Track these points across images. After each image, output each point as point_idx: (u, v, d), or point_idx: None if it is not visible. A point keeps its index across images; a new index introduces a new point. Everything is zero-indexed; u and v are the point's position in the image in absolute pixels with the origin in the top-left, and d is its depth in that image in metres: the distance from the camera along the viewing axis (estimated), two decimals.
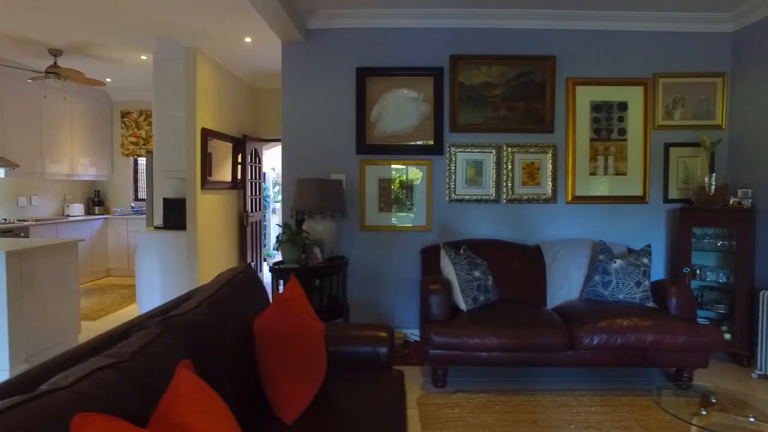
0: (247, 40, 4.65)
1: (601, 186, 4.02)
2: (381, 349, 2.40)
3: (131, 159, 7.11)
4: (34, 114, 5.69)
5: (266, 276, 6.58)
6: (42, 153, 5.80)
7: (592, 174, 4.01)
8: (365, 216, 4.06)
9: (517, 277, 3.70)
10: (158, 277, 4.67)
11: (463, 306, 3.28)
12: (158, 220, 5.12)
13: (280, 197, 9.93)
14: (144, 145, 6.96)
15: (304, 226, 3.67)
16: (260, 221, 6.13)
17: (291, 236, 3.45)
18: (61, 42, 4.75)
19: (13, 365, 3.18)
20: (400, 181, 4.06)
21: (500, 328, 3.05)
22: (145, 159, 7.10)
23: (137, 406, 1.24)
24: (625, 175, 4.01)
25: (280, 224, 3.69)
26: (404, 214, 4.07)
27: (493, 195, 4.04)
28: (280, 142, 7.45)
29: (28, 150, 5.56)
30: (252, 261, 5.77)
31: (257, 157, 6.04)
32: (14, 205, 5.74)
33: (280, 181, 9.72)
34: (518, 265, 3.75)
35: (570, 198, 4.02)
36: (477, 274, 3.41)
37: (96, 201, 6.88)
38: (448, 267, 3.43)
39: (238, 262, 5.62)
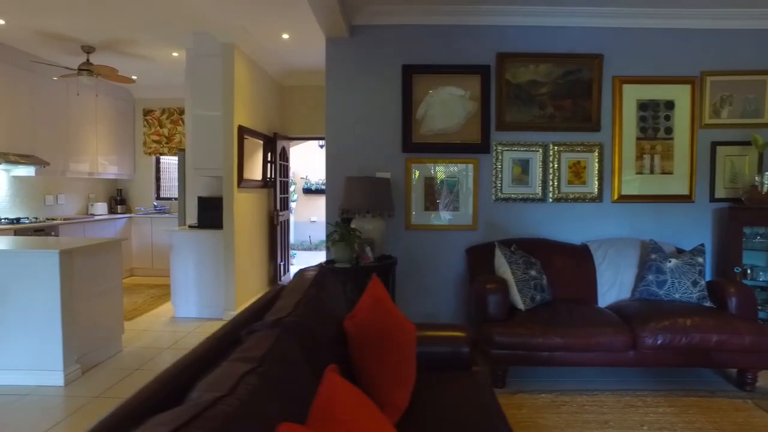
0: (285, 36, 4.61)
1: (647, 185, 4.00)
2: (461, 349, 2.37)
3: (153, 157, 7.05)
4: (62, 111, 5.62)
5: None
6: (69, 151, 5.73)
7: (638, 173, 4.00)
8: (410, 215, 4.03)
9: (566, 276, 3.67)
10: (194, 277, 4.62)
11: (521, 305, 3.25)
12: (190, 219, 5.07)
13: (295, 196, 9.89)
14: (167, 143, 6.90)
15: (353, 225, 3.63)
16: (287, 220, 6.09)
17: (344, 235, 3.41)
18: (95, 38, 4.69)
19: (67, 366, 3.13)
20: (446, 179, 4.03)
21: (562, 328, 3.03)
22: (166, 157, 7.05)
23: (281, 413, 1.21)
24: (671, 174, 3.99)
25: (331, 223, 3.65)
26: (450, 213, 4.04)
27: (540, 194, 4.02)
28: (305, 141, 7.43)
29: (55, 148, 5.49)
30: (281, 261, 5.73)
31: (285, 156, 5.99)
32: (42, 204, 5.67)
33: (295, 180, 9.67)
34: (567, 264, 3.72)
35: (616, 197, 4.00)
36: (533, 273, 3.39)
37: (118, 200, 6.81)
38: (503, 266, 3.40)
39: (269, 262, 5.58)
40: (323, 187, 10.19)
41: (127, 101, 6.81)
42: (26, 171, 5.18)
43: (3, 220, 4.90)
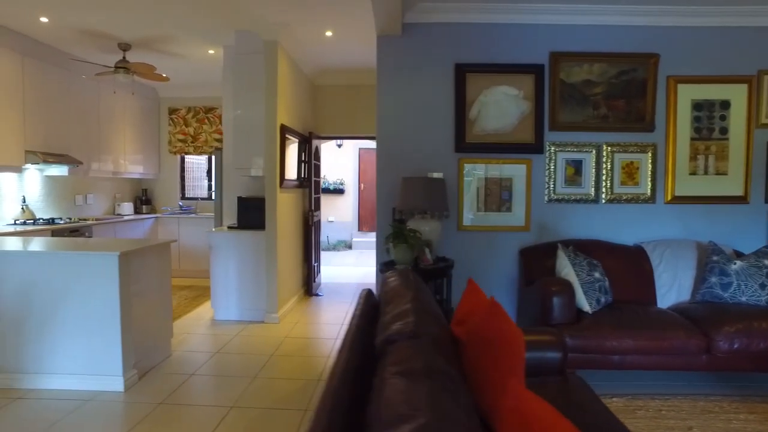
0: (328, 34, 4.54)
1: (701, 186, 3.95)
2: (552, 354, 2.32)
3: (178, 157, 6.96)
4: (92, 110, 5.53)
5: (326, 277, 6.47)
6: (99, 150, 5.64)
7: (692, 173, 3.95)
8: (462, 216, 3.97)
9: (623, 278, 3.62)
10: (234, 279, 4.54)
11: (587, 308, 3.20)
12: (228, 219, 4.99)
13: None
14: (192, 142, 6.81)
15: (409, 226, 3.57)
16: (319, 221, 6.02)
17: (406, 236, 3.35)
18: (133, 35, 4.60)
19: (126, 371, 3.05)
20: (499, 180, 3.97)
21: (633, 331, 2.98)
22: (191, 157, 6.97)
23: (471, 423, 1.14)
24: (726, 174, 3.95)
25: (391, 224, 3.58)
26: (502, 213, 3.99)
27: (592, 195, 3.97)
28: (334, 140, 7.33)
29: (86, 148, 5.40)
30: (315, 262, 5.65)
31: (317, 155, 5.92)
32: (72, 204, 5.58)
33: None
34: (622, 265, 3.67)
35: (669, 198, 3.95)
36: (597, 275, 3.34)
37: (143, 200, 6.72)
38: (566, 268, 3.35)
39: (303, 262, 5.51)
40: (341, 186, 10.19)
41: (152, 100, 6.72)
42: (59, 171, 5.08)
43: (39, 221, 4.81)
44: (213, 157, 7.10)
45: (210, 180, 7.14)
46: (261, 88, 4.43)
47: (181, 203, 6.90)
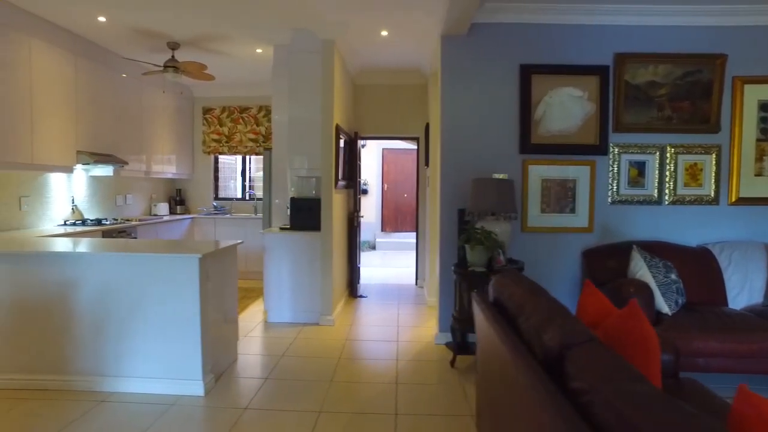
0: (384, 33, 4.50)
1: (767, 187, 3.94)
2: (665, 357, 2.30)
3: (212, 157, 6.91)
4: (135, 110, 5.48)
5: (365, 279, 6.42)
6: (139, 150, 5.59)
7: (758, 175, 3.94)
8: (527, 217, 3.95)
9: (693, 279, 3.61)
10: (288, 281, 4.50)
11: (666, 309, 3.19)
12: (276, 220, 4.95)
13: None
14: (227, 142, 6.76)
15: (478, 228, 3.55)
16: (360, 222, 5.98)
17: (483, 238, 3.33)
18: (185, 34, 4.55)
19: (205, 375, 3.02)
20: (563, 181, 3.95)
21: (719, 333, 2.97)
22: (224, 157, 6.92)
23: None
24: None
25: (469, 227, 3.55)
26: (565, 215, 3.97)
27: (655, 196, 3.95)
28: (376, 141, 7.22)
29: (128, 148, 5.35)
30: (358, 263, 5.62)
31: (359, 156, 5.89)
32: (114, 204, 5.53)
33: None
34: (690, 267, 3.66)
35: (733, 199, 3.94)
36: (673, 276, 3.33)
37: (177, 200, 6.67)
38: (642, 269, 3.33)
39: (348, 263, 5.48)
40: (365, 187, 10.14)
41: (187, 99, 6.67)
42: (104, 171, 5.03)
43: (89, 222, 4.76)
44: (247, 157, 7.07)
45: (245, 180, 7.09)
46: (315, 87, 4.40)
47: (215, 203, 6.85)
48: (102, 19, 4.13)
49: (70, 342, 3.01)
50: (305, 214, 4.51)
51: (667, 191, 3.95)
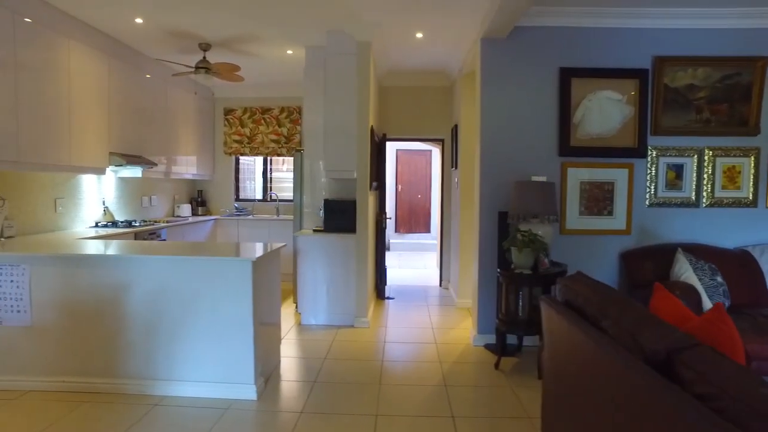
0: (418, 35, 4.51)
1: None
2: None
3: (233, 158, 6.89)
4: (160, 111, 5.46)
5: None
6: (164, 151, 5.57)
7: None
8: (566, 219, 3.96)
9: (735, 282, 3.62)
10: (323, 283, 4.49)
11: None
12: (307, 222, 4.94)
13: None
14: (248, 143, 6.75)
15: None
16: (387, 223, 5.98)
17: (529, 241, 3.33)
18: (218, 35, 4.54)
19: (256, 378, 3.01)
20: (601, 184, 3.96)
21: None
22: (244, 158, 6.90)
23: None
24: None
25: (518, 229, 3.55)
26: (603, 217, 3.98)
27: (693, 199, 3.98)
28: (389, 142, 7.21)
29: (154, 148, 5.32)
30: (384, 265, 5.62)
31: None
32: (139, 206, 5.51)
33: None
34: (732, 270, 3.67)
35: None
36: (719, 279, 3.34)
37: (199, 201, 6.65)
38: (687, 272, 3.35)
39: (374, 266, 5.47)
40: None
41: (209, 100, 6.65)
42: (132, 172, 5.01)
43: (120, 223, 4.74)
44: (268, 159, 7.06)
45: (266, 182, 7.08)
46: (351, 89, 4.39)
47: (236, 205, 6.83)
48: (139, 20, 4.11)
49: (122, 345, 3.00)
50: (339, 216, 4.51)
51: (704, 194, 3.97)
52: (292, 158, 6.97)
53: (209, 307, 2.96)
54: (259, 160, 7.25)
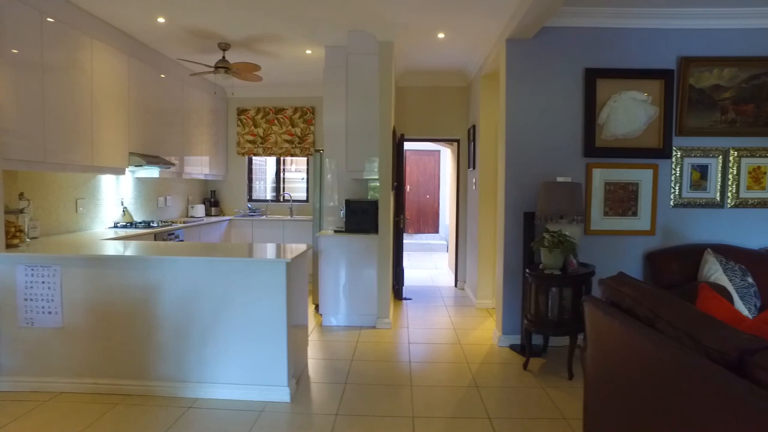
0: (440, 36, 4.49)
1: None
2: None
3: (246, 158, 6.86)
4: (177, 111, 5.43)
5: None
6: (182, 151, 5.54)
7: None
8: (590, 220, 3.96)
9: (763, 283, 3.63)
10: (344, 284, 4.47)
11: (746, 313, 3.20)
12: (326, 223, 4.93)
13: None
14: (262, 143, 6.72)
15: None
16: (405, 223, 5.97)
17: (559, 242, 3.33)
18: (238, 35, 4.51)
19: (289, 380, 2.99)
20: (626, 184, 3.96)
21: None
22: (257, 158, 6.87)
23: None
24: None
25: (549, 229, 3.54)
26: (627, 218, 3.98)
27: (718, 199, 3.98)
28: (411, 142, 7.17)
29: (170, 148, 5.30)
30: (402, 265, 5.61)
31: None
32: (155, 206, 5.48)
33: None
34: (760, 271, 3.67)
35: None
36: (750, 280, 3.35)
37: (212, 201, 6.62)
38: (717, 272, 3.35)
39: (394, 268, 5.46)
40: None
41: (222, 100, 6.62)
42: (149, 173, 4.99)
43: (139, 224, 4.71)
44: (281, 159, 7.03)
45: (278, 182, 7.05)
46: (372, 90, 4.38)
47: (249, 205, 6.81)
48: (161, 20, 4.09)
49: (153, 347, 2.98)
50: (360, 217, 4.49)
51: (729, 194, 3.98)
52: (302, 158, 6.98)
53: (242, 309, 2.94)
54: (270, 160, 7.22)
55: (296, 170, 7.65)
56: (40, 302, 2.97)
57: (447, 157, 9.89)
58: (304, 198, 6.94)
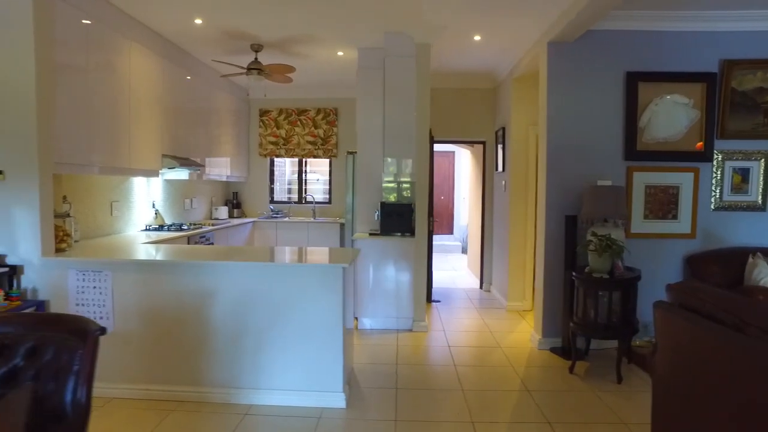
0: (476, 38, 4.48)
1: None
2: None
3: (267, 159, 6.82)
4: (205, 112, 5.39)
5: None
6: (208, 153, 5.50)
7: None
8: (631, 223, 3.95)
9: None
10: (380, 286, 4.45)
11: None
12: (359, 225, 4.90)
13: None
14: (284, 144, 6.69)
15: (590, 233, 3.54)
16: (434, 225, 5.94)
17: (608, 245, 3.32)
18: (272, 36, 4.48)
19: (344, 386, 2.96)
20: (666, 188, 3.96)
21: None
22: (279, 159, 6.83)
23: None
24: None
25: (596, 233, 3.53)
26: (668, 221, 3.98)
27: (759, 202, 3.98)
28: (441, 144, 7.19)
29: (198, 150, 5.25)
30: (432, 268, 5.58)
31: None
32: (182, 209, 5.44)
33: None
34: None
35: None
36: None
37: (234, 203, 6.58)
38: (767, 276, 3.35)
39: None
40: None
41: (243, 101, 6.58)
42: (177, 174, 4.94)
43: (171, 227, 4.67)
44: (302, 160, 6.99)
45: (300, 184, 7.01)
46: (409, 92, 4.36)
47: (271, 207, 6.77)
48: (198, 21, 4.05)
49: (207, 353, 2.94)
50: (395, 219, 4.47)
51: None
52: (319, 160, 6.94)
53: (298, 314, 2.91)
54: (289, 162, 7.19)
55: (311, 171, 7.61)
56: (92, 307, 2.93)
57: (463, 158, 9.87)
58: (326, 200, 6.91)
